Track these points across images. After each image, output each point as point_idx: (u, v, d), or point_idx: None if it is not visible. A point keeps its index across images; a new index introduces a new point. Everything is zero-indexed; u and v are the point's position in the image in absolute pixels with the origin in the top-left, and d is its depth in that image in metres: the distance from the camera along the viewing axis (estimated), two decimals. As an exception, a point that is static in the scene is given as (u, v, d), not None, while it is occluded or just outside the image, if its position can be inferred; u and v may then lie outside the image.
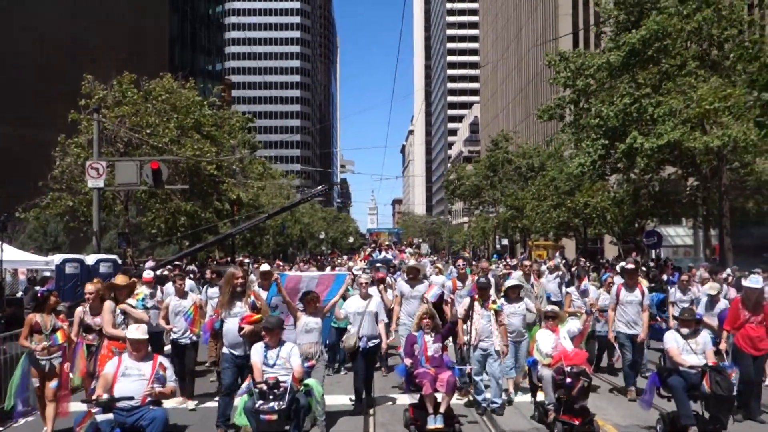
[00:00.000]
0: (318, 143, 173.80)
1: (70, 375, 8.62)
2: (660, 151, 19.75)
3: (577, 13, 64.87)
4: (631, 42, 20.02)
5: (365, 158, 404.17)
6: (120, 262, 20.23)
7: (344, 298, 10.07)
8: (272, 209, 41.62)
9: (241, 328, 8.11)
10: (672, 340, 8.33)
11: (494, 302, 9.45)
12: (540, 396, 8.80)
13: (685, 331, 8.33)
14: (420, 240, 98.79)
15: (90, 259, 18.50)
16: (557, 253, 26.92)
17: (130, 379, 6.76)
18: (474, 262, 25.61)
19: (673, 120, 18.40)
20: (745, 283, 9.98)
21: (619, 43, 20.84)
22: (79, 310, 9.32)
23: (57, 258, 18.03)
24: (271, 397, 6.90)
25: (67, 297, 14.35)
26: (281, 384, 7.04)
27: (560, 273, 16.28)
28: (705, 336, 8.45)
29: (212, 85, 69.04)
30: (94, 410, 6.43)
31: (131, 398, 6.55)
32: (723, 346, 9.62)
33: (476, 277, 10.90)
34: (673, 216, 31.81)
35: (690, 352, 8.17)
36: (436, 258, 35.99)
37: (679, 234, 47.06)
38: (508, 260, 24.16)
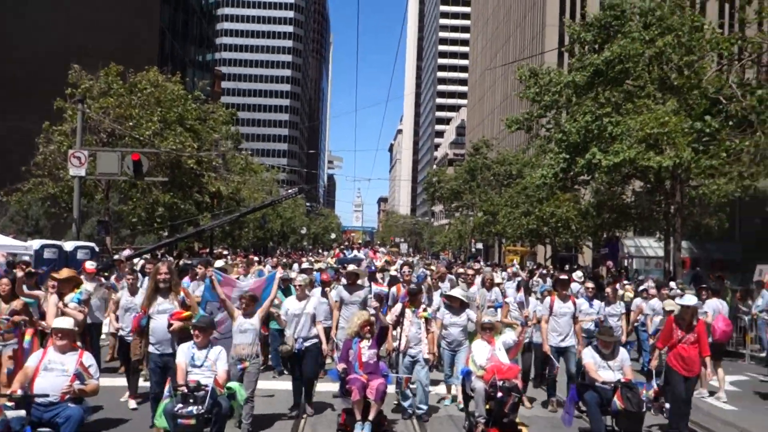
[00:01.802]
0: (306, 139, 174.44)
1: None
2: (617, 168, 20.84)
3: (563, 24, 65.91)
4: (596, 63, 21.11)
5: (354, 155, 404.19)
6: (97, 249, 21.02)
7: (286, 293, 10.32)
8: (253, 203, 42.51)
9: (170, 325, 8.07)
10: (589, 356, 8.47)
11: (425, 310, 9.65)
12: (472, 406, 8.68)
13: (605, 351, 8.45)
14: (401, 240, 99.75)
15: (68, 246, 19.19)
16: (515, 261, 27.94)
17: (52, 373, 6.59)
18: (440, 265, 26.49)
19: (629, 139, 19.45)
20: (678, 301, 10.01)
21: (584, 63, 21.92)
22: (40, 294, 9.65)
23: (36, 243, 18.70)
24: (191, 400, 6.71)
25: (44, 282, 15.09)
26: (203, 387, 6.85)
27: (518, 279, 17.01)
28: (623, 353, 8.67)
29: (203, 76, 69.75)
30: (7, 404, 6.22)
31: (46, 395, 6.39)
32: (654, 364, 9.48)
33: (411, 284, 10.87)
34: (642, 228, 32.88)
35: (607, 368, 8.32)
36: (412, 259, 36.72)
37: (651, 245, 48.17)
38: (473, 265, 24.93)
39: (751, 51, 13.08)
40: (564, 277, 11.50)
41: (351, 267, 11.73)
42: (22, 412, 6.14)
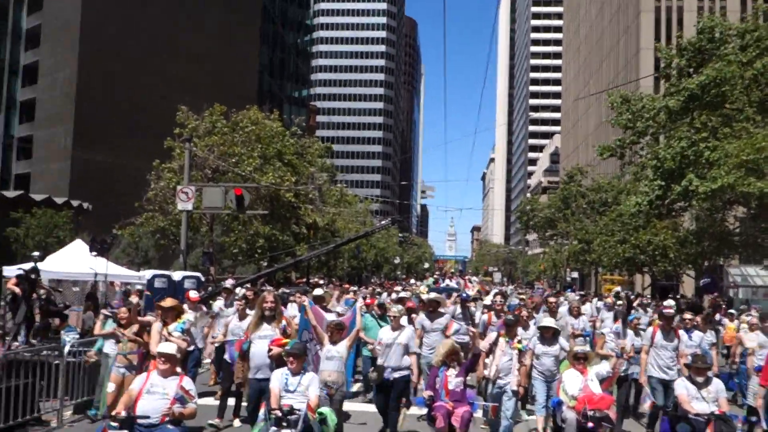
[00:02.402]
0: (399, 169, 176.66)
1: None
2: (716, 195, 20.27)
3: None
4: (690, 87, 20.74)
5: (447, 184, 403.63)
6: (203, 279, 22.25)
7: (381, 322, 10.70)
8: (348, 233, 43.60)
9: (269, 350, 8.39)
10: (682, 387, 8.37)
11: (519, 342, 9.57)
12: None
13: (699, 379, 8.30)
14: (494, 269, 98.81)
15: (177, 275, 20.41)
16: (618, 289, 27.23)
17: (154, 396, 6.87)
18: (534, 294, 26.35)
19: (727, 165, 18.93)
20: None
21: (679, 88, 21.57)
22: (152, 320, 10.21)
23: (148, 273, 20.13)
24: (284, 423, 6.95)
25: (154, 310, 16.22)
26: (296, 411, 7.08)
27: (617, 309, 16.51)
28: (717, 384, 8.45)
29: (298, 112, 72.45)
30: (111, 424, 6.56)
31: (147, 417, 6.70)
32: (759, 403, 9.06)
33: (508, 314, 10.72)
34: (747, 256, 31.48)
35: (701, 399, 8.16)
36: (506, 289, 36.51)
37: (759, 274, 45.84)
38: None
39: None
40: (669, 311, 11.04)
41: (432, 294, 11.97)
42: None
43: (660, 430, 8.53)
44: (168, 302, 9.74)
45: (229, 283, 17.85)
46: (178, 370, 7.47)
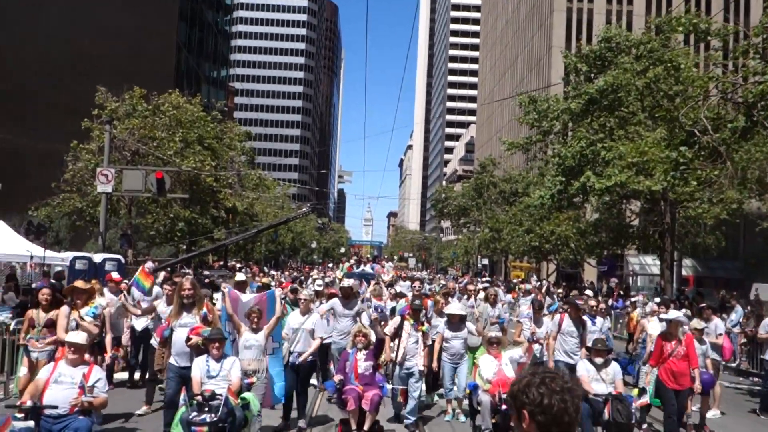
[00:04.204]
0: (317, 154, 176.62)
1: None
2: (609, 191, 22.27)
3: (570, 46, 67.44)
4: (590, 92, 22.62)
5: (365, 169, 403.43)
6: (123, 261, 22.55)
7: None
8: (265, 218, 44.15)
9: (188, 339, 8.21)
10: (583, 369, 8.97)
11: (423, 324, 10.15)
12: (478, 420, 8.99)
13: (598, 361, 8.90)
14: (409, 255, 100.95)
15: (97, 258, 20.71)
16: (533, 277, 29.17)
17: (62, 386, 6.65)
18: (445, 281, 27.88)
19: (620, 164, 20.86)
20: (663, 316, 10.43)
21: (580, 92, 23.46)
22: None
23: (69, 255, 20.35)
24: (206, 409, 6.94)
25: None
26: (217, 396, 7.08)
27: (533, 296, 16.76)
28: (615, 366, 9.07)
29: (216, 93, 71.53)
30: (16, 415, 6.30)
31: (55, 407, 6.49)
32: (647, 379, 9.65)
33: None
34: (641, 247, 34.12)
35: (600, 380, 8.74)
36: (423, 275, 38.08)
37: (656, 263, 49.09)
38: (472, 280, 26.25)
39: (722, 89, 14.46)
40: (581, 302, 11.61)
41: (346, 281, 12.26)
42: (31, 423, 6.27)
43: None
44: (80, 283, 9.28)
45: (147, 267, 18.23)
46: (89, 358, 7.40)
